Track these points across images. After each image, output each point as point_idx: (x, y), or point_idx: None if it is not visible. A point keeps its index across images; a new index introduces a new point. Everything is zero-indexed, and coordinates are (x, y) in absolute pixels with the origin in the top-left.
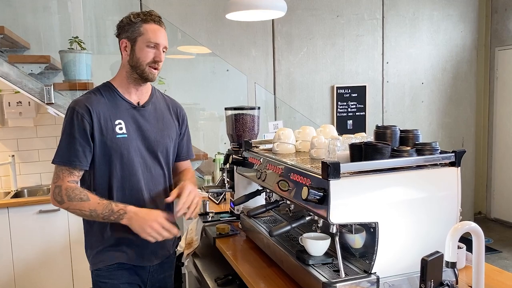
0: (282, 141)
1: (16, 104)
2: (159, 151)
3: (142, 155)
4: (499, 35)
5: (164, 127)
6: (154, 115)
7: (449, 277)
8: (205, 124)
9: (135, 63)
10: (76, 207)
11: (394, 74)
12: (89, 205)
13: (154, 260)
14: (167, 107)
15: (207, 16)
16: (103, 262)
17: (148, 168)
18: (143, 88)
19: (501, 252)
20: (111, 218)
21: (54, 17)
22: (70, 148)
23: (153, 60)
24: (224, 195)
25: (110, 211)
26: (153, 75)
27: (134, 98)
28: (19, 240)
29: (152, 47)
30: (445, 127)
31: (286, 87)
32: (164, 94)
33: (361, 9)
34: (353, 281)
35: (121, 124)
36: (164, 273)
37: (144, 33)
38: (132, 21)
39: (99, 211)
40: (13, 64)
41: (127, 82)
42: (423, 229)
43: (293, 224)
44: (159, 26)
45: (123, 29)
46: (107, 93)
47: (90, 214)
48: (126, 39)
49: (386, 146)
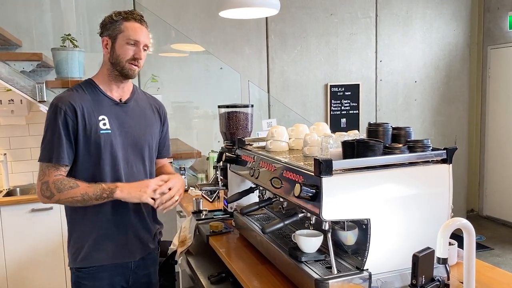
0: (275, 139)
1: (8, 102)
2: (142, 147)
3: (124, 151)
4: (492, 33)
5: (147, 124)
6: (136, 112)
7: (441, 273)
8: (199, 122)
9: (115, 60)
10: (67, 196)
11: (387, 73)
12: (80, 190)
13: (137, 255)
14: (149, 105)
15: (200, 14)
16: (82, 262)
17: (130, 164)
18: (124, 85)
19: (493, 249)
20: (103, 196)
21: (47, 15)
22: (55, 145)
23: (132, 57)
24: (217, 193)
25: (102, 190)
26: (132, 71)
27: (116, 95)
28: (11, 239)
29: (132, 44)
30: (438, 125)
31: (280, 85)
32: (145, 92)
33: (354, 7)
34: (346, 278)
35: (105, 120)
36: (148, 269)
37: (124, 30)
38: (114, 19)
39: (91, 193)
40: (5, 61)
41: (108, 80)
42: (415, 226)
43: (285, 221)
44: (140, 24)
45: (105, 27)
46: (89, 90)
47: (83, 198)
48: (107, 37)
49: (378, 144)
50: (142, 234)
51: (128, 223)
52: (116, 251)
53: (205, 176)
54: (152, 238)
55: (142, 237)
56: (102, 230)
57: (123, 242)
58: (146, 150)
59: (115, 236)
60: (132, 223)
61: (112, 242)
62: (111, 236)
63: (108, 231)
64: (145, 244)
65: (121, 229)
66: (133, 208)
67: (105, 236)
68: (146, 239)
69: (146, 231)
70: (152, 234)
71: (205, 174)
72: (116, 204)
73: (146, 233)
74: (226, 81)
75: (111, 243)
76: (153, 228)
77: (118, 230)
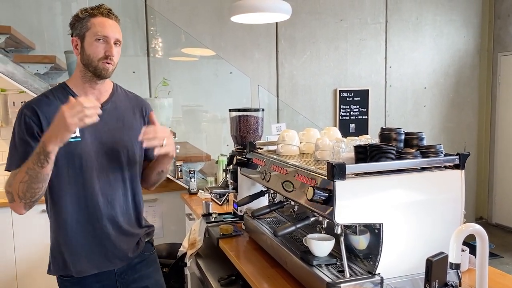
0: (287, 143)
1: (21, 104)
2: (119, 153)
3: (98, 158)
4: (502, 40)
5: (125, 126)
6: (113, 114)
7: (453, 279)
8: (208, 126)
9: (86, 60)
10: (17, 182)
11: (397, 78)
12: (23, 170)
13: (118, 264)
14: (130, 106)
15: (211, 18)
16: (62, 271)
17: (105, 172)
18: (101, 87)
19: (503, 257)
20: (40, 158)
21: (58, 18)
22: (19, 152)
23: (104, 55)
24: (227, 196)
25: (35, 153)
26: (106, 70)
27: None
28: (22, 239)
29: (101, 41)
30: (447, 131)
31: (289, 90)
32: (128, 91)
33: (364, 13)
34: (357, 282)
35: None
36: (139, 272)
37: (91, 27)
38: (80, 17)
39: (30, 164)
40: (19, 63)
41: (82, 82)
42: (427, 231)
43: (297, 225)
44: (108, 19)
45: (73, 27)
46: (60, 95)
47: (29, 175)
48: (76, 37)
49: (391, 148)
50: (121, 243)
51: (103, 232)
52: (94, 261)
53: (214, 179)
54: (135, 245)
55: (121, 246)
56: (79, 240)
57: (100, 252)
58: (125, 154)
59: (91, 246)
60: (107, 232)
61: (88, 252)
62: (87, 246)
63: (83, 241)
64: (125, 253)
65: (96, 239)
66: (107, 217)
67: (81, 246)
68: (126, 248)
69: (126, 239)
70: (135, 242)
71: (214, 178)
72: (89, 214)
73: (126, 241)
74: (235, 85)
75: (88, 253)
76: (136, 234)
77: (93, 240)
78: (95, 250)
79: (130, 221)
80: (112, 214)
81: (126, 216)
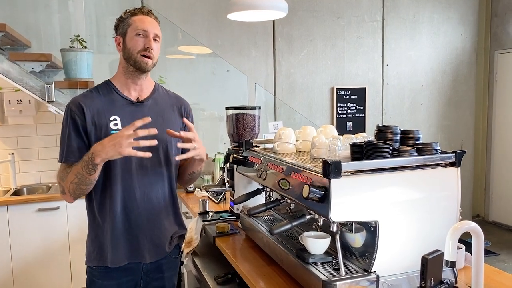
0: (283, 141)
1: (17, 102)
2: (157, 148)
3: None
4: (499, 38)
5: (164, 123)
6: (154, 110)
7: (448, 276)
8: (205, 124)
9: (127, 54)
10: (68, 181)
11: (394, 76)
12: (73, 171)
13: (147, 258)
14: (170, 104)
15: (208, 16)
16: (94, 261)
17: (144, 165)
18: (142, 83)
19: (499, 254)
20: (89, 167)
21: (55, 16)
22: (65, 145)
23: (143, 47)
24: (223, 194)
25: (84, 161)
26: (145, 63)
27: (134, 94)
28: (18, 238)
29: (141, 35)
30: (444, 129)
31: (286, 88)
32: (169, 91)
33: (361, 11)
34: (353, 280)
35: (117, 120)
36: (161, 274)
37: (132, 23)
38: (123, 17)
39: (80, 169)
40: (14, 62)
41: (125, 78)
42: (423, 229)
43: (293, 223)
44: (147, 16)
45: (117, 28)
46: (104, 91)
47: (78, 179)
48: (119, 35)
49: (387, 146)
50: (155, 237)
51: (139, 225)
52: (126, 253)
53: (211, 177)
54: (168, 242)
55: (155, 240)
56: (114, 231)
57: (134, 244)
58: (164, 149)
59: (126, 237)
60: (144, 224)
61: (123, 243)
62: (122, 238)
63: (119, 232)
64: (158, 247)
65: (132, 231)
66: (146, 209)
67: (116, 237)
68: (159, 242)
69: (161, 233)
70: (168, 237)
71: (211, 176)
72: (127, 206)
73: (160, 236)
74: (232, 83)
75: (122, 245)
76: (171, 230)
77: (129, 232)
78: (130, 242)
79: (168, 215)
80: (148, 207)
81: (163, 211)
